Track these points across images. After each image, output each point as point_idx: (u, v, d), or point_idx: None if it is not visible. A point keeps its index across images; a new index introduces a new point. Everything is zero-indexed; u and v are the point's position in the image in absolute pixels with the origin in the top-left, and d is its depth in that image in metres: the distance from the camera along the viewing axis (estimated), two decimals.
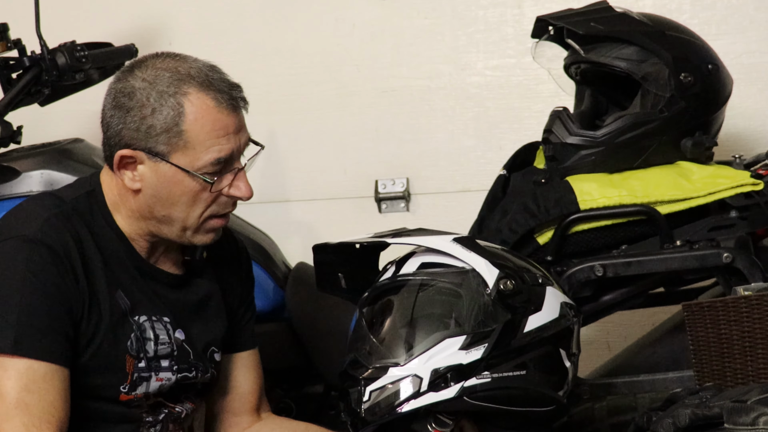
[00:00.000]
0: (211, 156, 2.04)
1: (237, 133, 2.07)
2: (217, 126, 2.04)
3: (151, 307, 2.12)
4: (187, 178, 2.05)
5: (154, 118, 2.03)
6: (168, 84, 2.04)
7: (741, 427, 1.81)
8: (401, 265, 2.17)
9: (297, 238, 3.33)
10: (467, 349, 2.05)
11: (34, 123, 2.84)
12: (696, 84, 2.46)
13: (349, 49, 3.34)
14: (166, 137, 2.03)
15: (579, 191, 2.43)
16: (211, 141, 2.04)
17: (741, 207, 2.44)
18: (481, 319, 2.07)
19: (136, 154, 2.04)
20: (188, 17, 3.37)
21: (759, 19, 3.18)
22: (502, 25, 3.28)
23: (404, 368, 2.06)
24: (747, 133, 3.16)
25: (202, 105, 2.04)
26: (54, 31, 2.76)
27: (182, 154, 2.03)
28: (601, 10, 2.54)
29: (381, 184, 3.28)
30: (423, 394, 2.04)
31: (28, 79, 2.71)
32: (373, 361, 2.09)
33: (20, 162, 2.70)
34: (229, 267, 2.30)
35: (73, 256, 2.02)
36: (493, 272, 2.09)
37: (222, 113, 2.05)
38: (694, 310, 2.26)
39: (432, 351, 2.06)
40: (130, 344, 2.07)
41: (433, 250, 2.14)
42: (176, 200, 2.06)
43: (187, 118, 2.03)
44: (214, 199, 2.08)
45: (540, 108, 3.16)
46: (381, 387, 2.05)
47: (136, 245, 2.12)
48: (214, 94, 2.04)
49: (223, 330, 2.25)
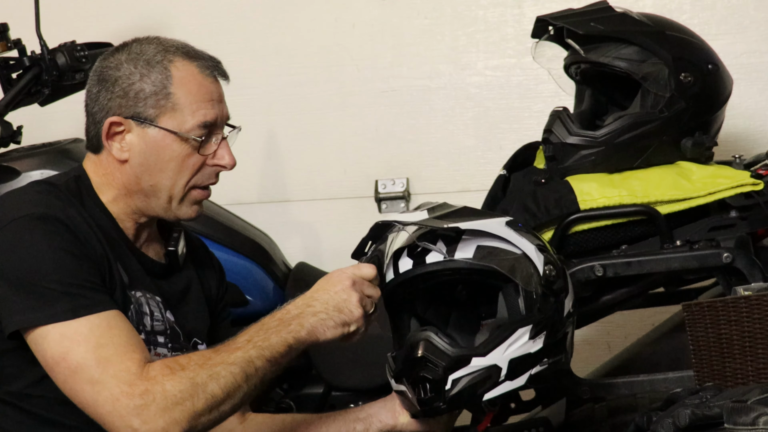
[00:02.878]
0: (198, 119, 2.10)
1: (220, 102, 2.14)
2: (203, 91, 2.11)
3: (144, 285, 2.15)
4: (175, 142, 2.09)
5: (143, 83, 2.09)
6: (154, 53, 2.11)
7: (741, 427, 1.81)
8: (452, 249, 2.12)
9: (297, 238, 3.33)
10: (534, 339, 2.11)
11: (34, 123, 2.85)
12: (696, 84, 2.46)
13: (349, 49, 3.34)
14: (154, 100, 2.09)
15: (579, 191, 2.43)
16: (197, 104, 2.10)
17: (741, 207, 2.44)
18: (539, 305, 2.11)
19: (125, 122, 2.10)
20: (188, 17, 3.38)
21: (759, 19, 3.18)
22: (502, 25, 3.29)
23: (486, 358, 2.09)
24: (747, 133, 3.16)
25: (187, 70, 2.11)
26: (54, 31, 2.76)
27: (170, 117, 2.09)
28: (601, 10, 2.54)
29: (381, 184, 3.29)
30: (502, 382, 2.10)
31: (28, 79, 2.71)
32: (451, 349, 2.10)
33: (20, 162, 2.70)
34: (204, 264, 2.34)
35: (81, 225, 2.05)
36: (541, 258, 2.13)
37: (206, 80, 2.12)
38: (694, 310, 2.26)
39: (509, 341, 2.09)
40: (131, 316, 2.09)
41: (485, 233, 2.12)
42: (164, 166, 2.10)
43: (174, 81, 2.09)
44: (199, 167, 2.12)
45: (540, 108, 3.16)
46: (464, 376, 2.08)
47: (125, 228, 2.15)
48: (198, 62, 2.13)
49: (206, 323, 2.28)
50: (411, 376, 2.11)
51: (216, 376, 1.94)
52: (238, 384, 1.95)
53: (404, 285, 2.17)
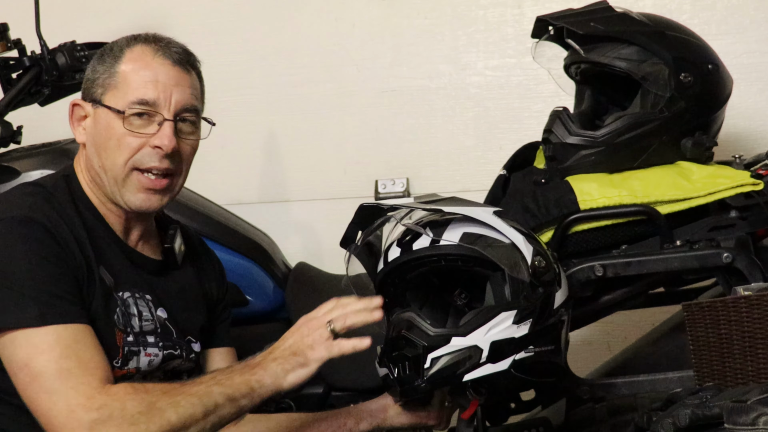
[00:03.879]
0: (136, 95, 2.11)
1: (170, 85, 2.13)
2: (149, 69, 2.12)
3: (134, 284, 2.15)
4: (115, 119, 2.11)
5: (99, 67, 2.14)
6: (122, 44, 2.16)
7: (741, 427, 1.81)
8: (438, 232, 2.14)
9: (297, 238, 3.33)
10: (518, 324, 2.11)
11: (34, 123, 2.85)
12: (696, 84, 2.46)
13: (349, 49, 3.34)
14: (102, 79, 2.13)
15: (579, 191, 2.43)
16: (139, 82, 2.11)
17: (741, 207, 2.43)
18: (524, 294, 2.11)
19: (84, 104, 2.15)
20: (188, 17, 3.38)
21: (759, 19, 3.18)
22: (502, 25, 3.29)
23: (467, 338, 2.10)
24: (747, 133, 3.16)
25: (141, 52, 2.14)
26: (54, 31, 2.76)
27: (113, 94, 2.12)
28: (601, 10, 2.54)
29: (381, 184, 3.28)
30: (483, 364, 2.10)
31: (28, 79, 2.71)
32: (432, 329, 2.11)
33: (20, 162, 2.70)
34: (205, 264, 2.35)
35: (63, 231, 2.05)
36: (529, 248, 2.14)
37: (157, 61, 2.13)
38: (694, 310, 2.26)
39: (491, 323, 2.10)
40: (117, 318, 2.09)
41: (473, 220, 2.14)
42: (106, 145, 2.12)
43: (123, 61, 2.13)
44: (138, 147, 2.11)
45: (540, 108, 3.16)
46: (443, 355, 2.09)
47: (113, 225, 2.16)
48: (157, 46, 2.14)
49: (201, 321, 2.28)
50: (392, 356, 2.13)
51: (176, 405, 1.94)
52: (195, 417, 1.96)
53: (393, 274, 2.18)
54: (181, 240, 2.26)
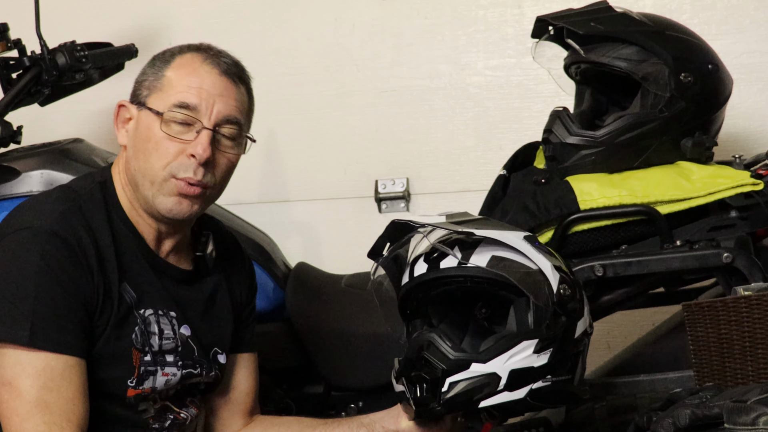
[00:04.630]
0: (176, 98, 2.10)
1: (214, 94, 2.11)
2: (195, 75, 2.11)
3: (158, 300, 2.13)
4: (155, 122, 2.10)
5: (149, 71, 2.14)
6: (175, 49, 2.16)
7: (741, 427, 1.81)
8: (467, 255, 2.12)
9: (297, 238, 3.33)
10: (538, 353, 2.09)
11: (34, 123, 2.84)
12: (696, 84, 2.46)
13: (349, 49, 3.34)
14: (149, 82, 2.13)
15: (579, 191, 2.43)
16: (183, 86, 2.10)
17: (741, 207, 2.43)
18: (548, 323, 2.10)
19: (129, 106, 2.14)
20: (188, 17, 3.38)
21: (759, 19, 3.18)
22: (502, 25, 3.28)
23: (486, 365, 2.09)
24: (747, 133, 3.16)
25: (189, 58, 2.14)
26: (54, 31, 2.76)
27: (156, 96, 2.11)
28: (601, 10, 2.54)
29: (381, 184, 3.28)
30: (500, 392, 2.09)
31: (28, 79, 2.71)
32: (453, 353, 2.10)
33: (20, 162, 2.70)
34: (236, 267, 2.32)
35: (88, 248, 2.03)
36: (556, 276, 2.12)
37: (205, 69, 2.12)
38: (694, 310, 2.26)
39: (511, 351, 2.09)
40: (135, 337, 2.08)
41: (502, 244, 2.12)
42: (145, 149, 2.10)
43: (171, 66, 2.12)
44: (176, 154, 2.09)
45: (540, 108, 3.16)
46: (462, 380, 2.09)
47: (145, 235, 2.13)
48: (207, 55, 2.14)
49: (229, 330, 2.26)
50: (410, 376, 2.12)
51: None
52: None
53: (418, 289, 2.17)
54: (213, 246, 2.24)
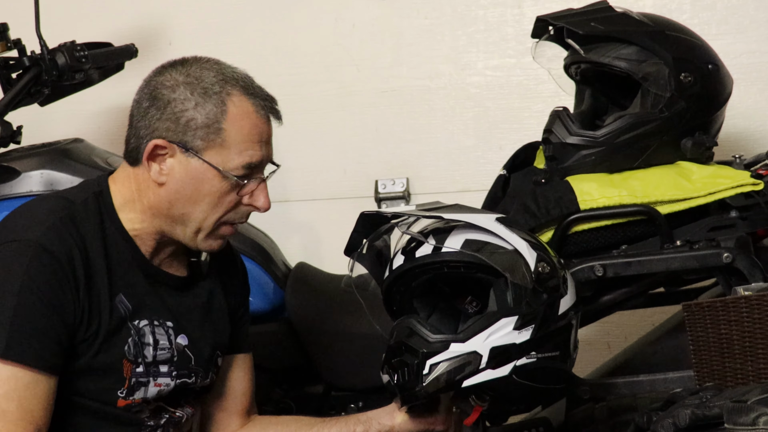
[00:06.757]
0: (243, 159, 2.07)
1: (267, 144, 2.11)
2: (255, 131, 2.08)
3: (154, 310, 2.12)
4: (216, 178, 2.06)
5: (197, 112, 2.04)
6: (213, 82, 2.06)
7: (741, 427, 1.81)
8: (441, 239, 2.14)
9: (297, 238, 3.33)
10: (519, 330, 2.11)
11: (34, 123, 2.84)
12: (696, 84, 2.46)
13: (349, 49, 3.34)
14: (204, 132, 2.04)
15: (579, 191, 2.43)
16: (246, 144, 2.06)
17: (741, 207, 2.43)
18: (527, 300, 2.11)
19: (170, 146, 2.05)
20: (188, 17, 3.38)
21: (759, 19, 3.18)
22: (502, 25, 3.28)
23: (466, 344, 2.10)
24: (747, 133, 3.16)
25: (243, 107, 2.07)
26: (54, 31, 2.76)
27: (216, 152, 2.05)
28: (601, 10, 2.54)
29: (381, 184, 3.28)
30: (482, 370, 2.10)
31: (28, 79, 2.71)
32: (431, 336, 2.12)
33: (20, 162, 2.70)
34: (228, 269, 2.32)
35: (76, 263, 2.01)
36: (533, 254, 2.14)
37: (260, 120, 2.09)
38: (694, 310, 2.26)
39: (490, 329, 2.10)
40: (127, 349, 2.07)
41: (475, 227, 2.14)
42: (200, 199, 2.07)
43: (228, 117, 2.05)
44: (235, 205, 2.10)
45: (540, 108, 3.16)
46: (442, 361, 2.10)
47: (142, 246, 2.12)
48: (255, 100, 2.08)
49: (227, 333, 2.26)
50: (392, 363, 2.13)
51: None
52: None
53: (397, 281, 2.18)
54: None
